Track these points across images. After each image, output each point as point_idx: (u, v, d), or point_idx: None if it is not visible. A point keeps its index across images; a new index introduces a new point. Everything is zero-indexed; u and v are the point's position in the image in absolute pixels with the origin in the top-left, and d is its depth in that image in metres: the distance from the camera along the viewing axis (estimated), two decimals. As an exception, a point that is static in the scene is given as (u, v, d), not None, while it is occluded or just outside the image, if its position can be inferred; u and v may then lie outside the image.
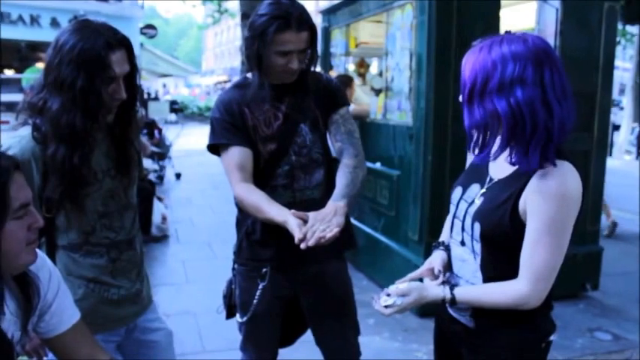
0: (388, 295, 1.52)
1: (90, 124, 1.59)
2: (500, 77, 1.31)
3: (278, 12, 1.83)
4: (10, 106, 15.69)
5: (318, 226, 1.72)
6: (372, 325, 3.75)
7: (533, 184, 1.36)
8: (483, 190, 1.49)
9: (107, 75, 1.58)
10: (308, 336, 2.33)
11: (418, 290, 1.52)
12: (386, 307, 1.51)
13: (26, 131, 1.60)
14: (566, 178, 1.34)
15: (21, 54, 19.45)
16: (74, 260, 1.70)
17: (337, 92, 2.12)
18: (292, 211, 1.79)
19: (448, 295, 1.49)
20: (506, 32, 1.41)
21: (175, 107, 23.36)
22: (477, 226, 1.45)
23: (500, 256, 1.46)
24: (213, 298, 2.48)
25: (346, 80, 4.99)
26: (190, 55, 63.10)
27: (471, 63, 1.38)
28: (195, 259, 5.49)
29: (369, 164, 2.65)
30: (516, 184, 1.40)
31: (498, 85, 1.32)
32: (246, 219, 2.07)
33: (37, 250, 1.35)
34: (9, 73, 18.48)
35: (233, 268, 2.19)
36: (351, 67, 5.91)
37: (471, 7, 3.75)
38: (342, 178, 1.96)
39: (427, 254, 3.87)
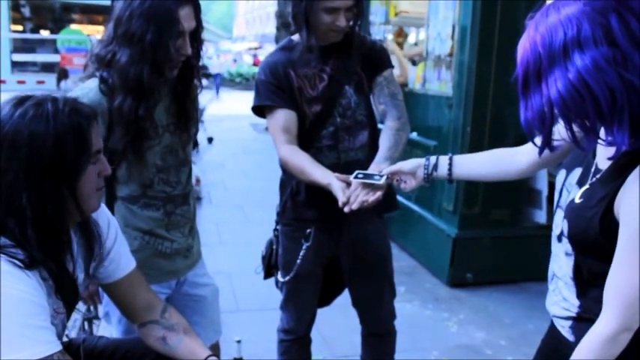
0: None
1: (156, 78, 1.63)
2: (550, 50, 1.03)
3: None
4: (45, 67, 15.91)
5: (361, 190, 1.74)
6: (403, 293, 3.79)
7: (630, 180, 1.08)
8: (586, 186, 1.21)
9: (175, 30, 1.60)
10: (340, 300, 2.39)
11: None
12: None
13: (93, 83, 1.64)
14: None
15: (55, 15, 19.59)
16: (132, 212, 1.76)
17: (381, 54, 2.12)
18: (336, 174, 1.82)
19: None
20: None
21: (206, 72, 23.40)
22: (565, 224, 1.23)
23: (592, 262, 1.21)
24: (247, 260, 2.52)
25: None
26: (222, 21, 62.86)
27: (521, 48, 1.10)
28: (228, 222, 5.59)
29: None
30: (614, 180, 1.11)
31: (549, 59, 1.03)
32: (290, 180, 2.10)
33: None
34: (44, 33, 18.65)
35: (275, 229, 2.22)
36: (390, 37, 5.84)
37: (518, -23, 3.67)
38: (385, 141, 1.98)
39: (461, 225, 3.94)
